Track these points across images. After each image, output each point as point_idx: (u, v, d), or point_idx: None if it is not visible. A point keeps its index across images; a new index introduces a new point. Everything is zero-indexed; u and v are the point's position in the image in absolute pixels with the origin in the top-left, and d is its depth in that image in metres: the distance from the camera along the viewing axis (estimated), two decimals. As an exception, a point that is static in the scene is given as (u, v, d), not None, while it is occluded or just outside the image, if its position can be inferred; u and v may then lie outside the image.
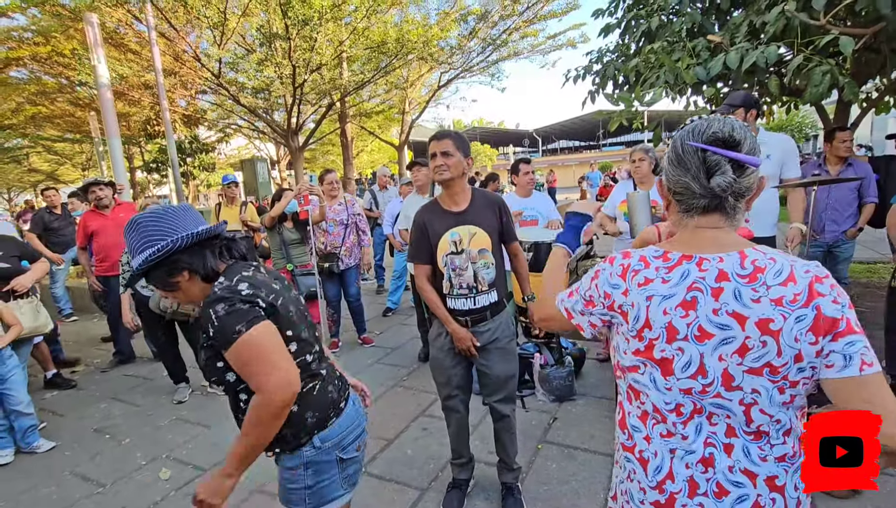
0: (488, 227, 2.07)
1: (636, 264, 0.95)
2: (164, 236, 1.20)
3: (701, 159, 0.88)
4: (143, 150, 17.46)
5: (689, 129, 0.92)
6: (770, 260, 0.85)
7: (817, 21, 3.17)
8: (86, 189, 4.40)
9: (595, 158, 38.62)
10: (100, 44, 6.10)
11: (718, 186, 0.86)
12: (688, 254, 0.90)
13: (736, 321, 0.83)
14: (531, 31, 12.74)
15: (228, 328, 1.14)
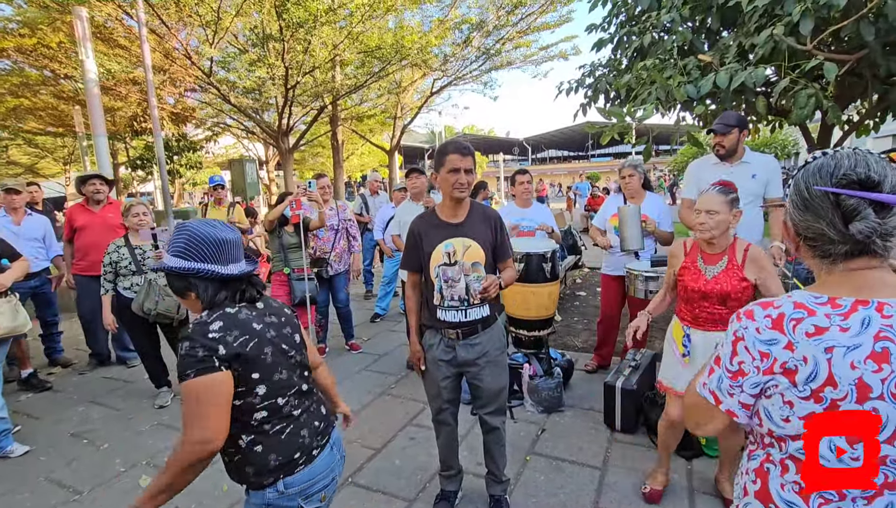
0: (483, 241, 2.07)
1: (794, 313, 0.82)
2: (200, 261, 1.29)
3: (834, 204, 0.79)
4: (128, 146, 17.14)
5: (815, 169, 0.83)
6: None
7: (804, 46, 3.26)
8: (84, 180, 4.28)
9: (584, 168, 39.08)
10: (88, 38, 5.99)
11: (860, 232, 0.78)
12: (862, 299, 0.79)
13: None
14: (524, 41, 12.86)
15: (181, 368, 1.20)
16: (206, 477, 2.63)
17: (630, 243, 3.24)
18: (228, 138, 20.14)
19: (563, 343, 4.51)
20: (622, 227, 3.28)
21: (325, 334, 4.52)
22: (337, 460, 1.48)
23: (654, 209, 3.41)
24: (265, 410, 1.29)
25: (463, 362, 2.12)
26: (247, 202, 9.77)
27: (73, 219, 4.17)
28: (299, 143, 12.48)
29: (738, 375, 0.88)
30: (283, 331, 1.38)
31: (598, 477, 2.53)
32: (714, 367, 0.93)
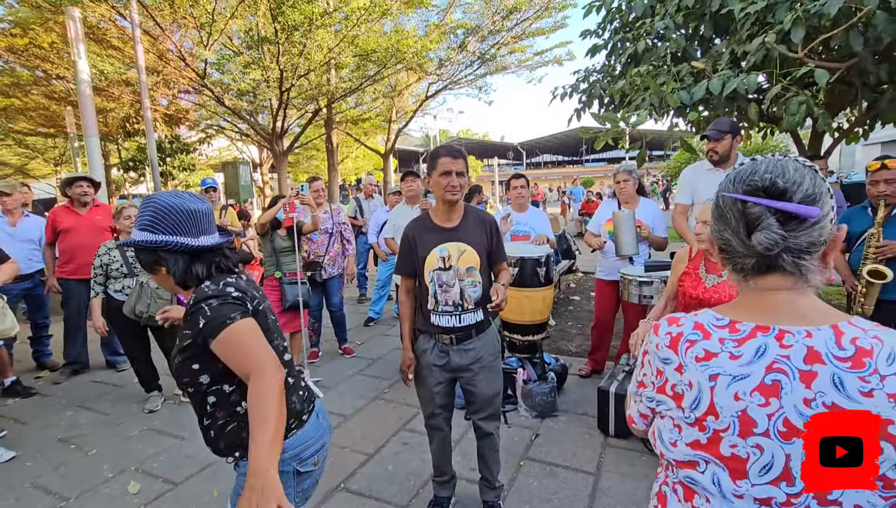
0: (478, 245, 2.06)
1: (691, 334, 0.78)
2: (169, 233, 1.26)
3: (741, 212, 0.73)
4: (120, 147, 17.02)
5: (734, 175, 0.77)
6: (875, 339, 0.67)
7: (795, 53, 3.30)
8: (71, 182, 4.18)
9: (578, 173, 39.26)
10: (81, 39, 5.95)
11: (760, 243, 0.71)
12: (763, 325, 0.73)
13: None
14: (519, 46, 12.96)
15: (222, 316, 1.19)
16: (195, 485, 2.60)
17: (625, 249, 3.25)
18: (222, 141, 20.05)
19: (557, 348, 4.51)
20: (617, 232, 3.29)
21: (318, 338, 4.49)
22: (325, 427, 1.49)
23: (648, 215, 3.43)
24: None
25: (457, 367, 2.11)
26: (240, 205, 9.73)
27: (58, 222, 4.07)
28: (294, 145, 12.46)
29: (640, 386, 0.87)
30: (268, 302, 1.44)
31: (592, 483, 2.52)
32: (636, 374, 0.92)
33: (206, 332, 1.21)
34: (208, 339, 1.21)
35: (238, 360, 1.19)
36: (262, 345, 1.20)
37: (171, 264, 1.28)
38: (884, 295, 2.70)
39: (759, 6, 3.39)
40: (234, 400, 1.29)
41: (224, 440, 1.33)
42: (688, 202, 3.36)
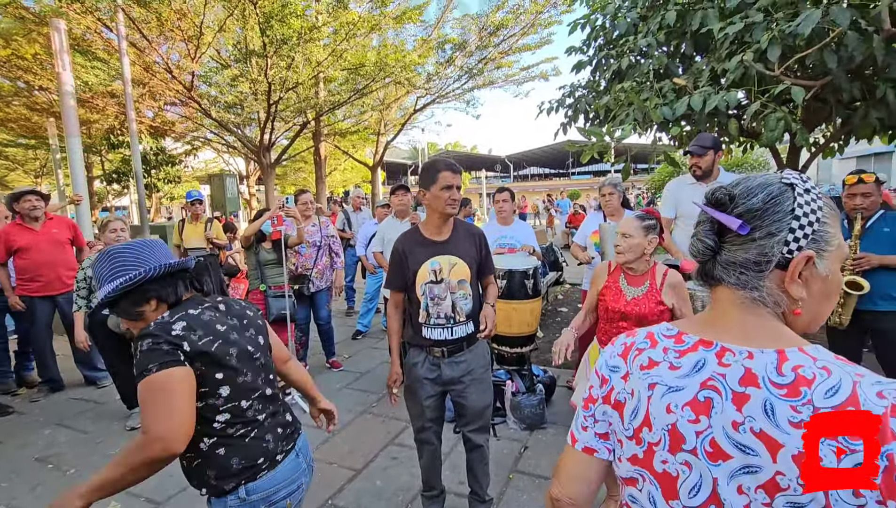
0: (469, 258, 2.09)
1: (641, 342, 0.77)
2: (137, 267, 1.24)
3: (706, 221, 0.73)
4: (103, 159, 16.81)
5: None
6: (822, 370, 0.62)
7: (772, 71, 3.42)
8: (17, 197, 3.99)
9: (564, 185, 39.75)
10: (66, 50, 5.89)
11: (691, 247, 0.74)
12: (707, 340, 0.71)
13: (764, 446, 0.61)
14: (506, 62, 13.17)
15: (142, 364, 1.16)
16: (178, 504, 2.53)
17: (610, 259, 3.29)
18: (208, 153, 19.92)
19: (546, 360, 4.52)
20: (604, 244, 3.33)
21: (305, 351, 4.44)
22: (303, 468, 1.45)
23: (633, 227, 3.48)
24: (228, 412, 1.28)
25: (448, 380, 2.11)
26: (226, 217, 9.64)
27: (12, 240, 3.86)
28: (281, 158, 12.42)
29: (588, 402, 0.81)
30: (246, 333, 1.37)
31: (582, 495, 2.51)
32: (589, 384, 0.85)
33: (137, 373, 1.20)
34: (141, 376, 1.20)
35: (141, 414, 1.17)
36: (164, 406, 1.14)
37: (157, 290, 1.26)
38: (860, 305, 2.77)
39: (737, 27, 3.51)
40: (196, 436, 1.24)
41: (192, 474, 1.31)
42: (671, 216, 3.43)
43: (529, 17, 11.38)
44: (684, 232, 3.31)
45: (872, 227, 2.79)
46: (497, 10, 11.48)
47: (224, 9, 8.26)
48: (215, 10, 8.64)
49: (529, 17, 11.35)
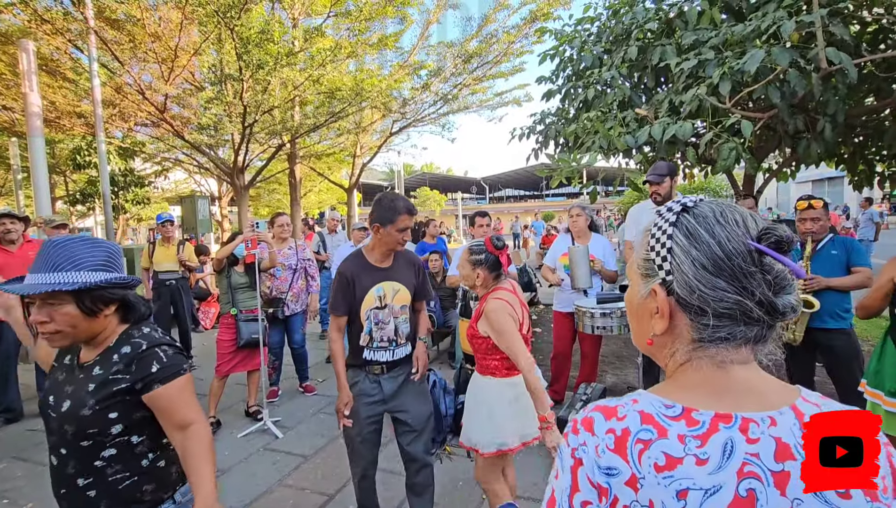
0: (409, 285, 2.23)
1: (641, 430, 0.58)
2: (121, 269, 1.29)
3: (760, 268, 0.58)
4: (67, 179, 16.32)
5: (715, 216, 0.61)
6: None
7: (724, 104, 3.67)
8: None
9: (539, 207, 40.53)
10: (34, 71, 5.81)
11: (786, 307, 0.58)
12: (724, 413, 0.58)
13: None
14: (480, 87, 13.55)
15: (177, 364, 1.27)
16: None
17: (580, 282, 3.42)
18: (179, 173, 19.58)
19: (520, 380, 4.57)
20: (573, 266, 3.46)
21: (277, 376, 4.38)
22: None
23: (599, 250, 3.63)
24: None
25: (389, 394, 2.21)
26: (197, 239, 9.46)
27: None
28: (256, 180, 12.33)
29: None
30: None
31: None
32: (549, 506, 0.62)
33: (157, 377, 1.21)
34: (154, 385, 1.21)
35: (181, 409, 1.24)
36: (195, 400, 1.30)
37: (132, 299, 1.29)
38: (812, 323, 2.94)
39: (691, 63, 3.77)
40: (140, 452, 1.25)
41: (111, 498, 1.23)
42: (636, 239, 3.60)
43: (502, 47, 11.79)
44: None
45: (822, 250, 2.98)
46: (471, 38, 11.88)
47: (200, 33, 8.29)
48: (191, 33, 8.66)
49: (502, 46, 11.76)
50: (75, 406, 1.20)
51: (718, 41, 3.83)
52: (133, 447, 1.24)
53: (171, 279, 5.28)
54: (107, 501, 1.23)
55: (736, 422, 0.57)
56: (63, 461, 1.23)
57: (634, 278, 0.68)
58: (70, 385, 1.24)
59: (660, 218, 0.65)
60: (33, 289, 1.12)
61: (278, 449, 3.40)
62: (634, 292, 0.68)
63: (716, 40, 3.84)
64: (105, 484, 1.23)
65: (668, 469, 0.55)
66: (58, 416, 1.21)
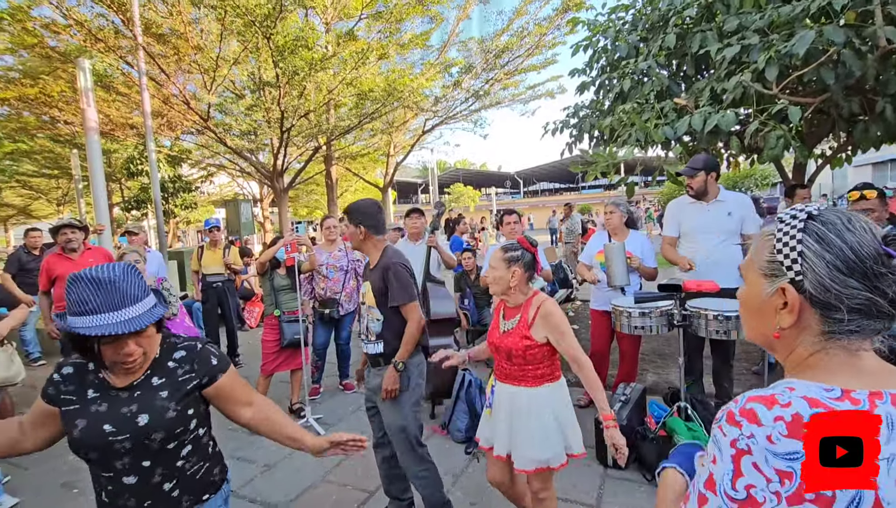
0: (374, 287, 2.33)
1: (814, 412, 0.63)
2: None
3: (889, 269, 0.66)
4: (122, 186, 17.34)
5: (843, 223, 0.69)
6: None
7: (770, 90, 3.49)
8: (56, 231, 4.23)
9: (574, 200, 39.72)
10: (90, 88, 6.20)
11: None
12: (875, 391, 0.65)
13: None
14: (512, 82, 13.40)
15: (225, 355, 1.44)
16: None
17: (616, 279, 3.34)
18: (223, 177, 20.42)
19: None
20: (608, 264, 3.39)
21: (320, 374, 4.52)
22: None
23: (636, 246, 3.53)
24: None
25: (371, 388, 2.46)
26: (241, 241, 9.87)
27: (52, 269, 4.08)
28: (294, 182, 12.71)
29: (746, 506, 0.63)
30: None
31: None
32: (706, 495, 0.68)
33: (219, 368, 1.37)
34: (218, 376, 1.36)
35: (243, 389, 1.45)
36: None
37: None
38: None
39: (734, 49, 3.59)
40: (206, 441, 1.41)
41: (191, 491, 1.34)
42: (675, 235, 3.48)
43: (533, 40, 11.61)
44: (688, 250, 3.35)
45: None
46: (502, 32, 11.76)
47: (239, 43, 8.61)
48: (231, 44, 9.01)
49: (533, 39, 11.59)
50: (158, 414, 1.26)
51: (763, 24, 3.63)
52: (201, 438, 1.39)
53: (217, 281, 5.54)
54: (188, 496, 1.35)
55: (887, 399, 0.64)
56: (147, 474, 1.27)
57: (754, 277, 0.77)
58: (128, 406, 1.25)
59: (783, 225, 0.73)
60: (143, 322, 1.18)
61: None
62: (756, 291, 0.76)
63: (761, 23, 3.64)
64: (186, 480, 1.34)
65: None
66: (135, 433, 1.23)
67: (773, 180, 19.35)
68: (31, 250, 5.72)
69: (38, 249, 5.75)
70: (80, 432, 1.23)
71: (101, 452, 1.24)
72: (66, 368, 1.28)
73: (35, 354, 5.99)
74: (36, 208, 24.11)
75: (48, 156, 15.66)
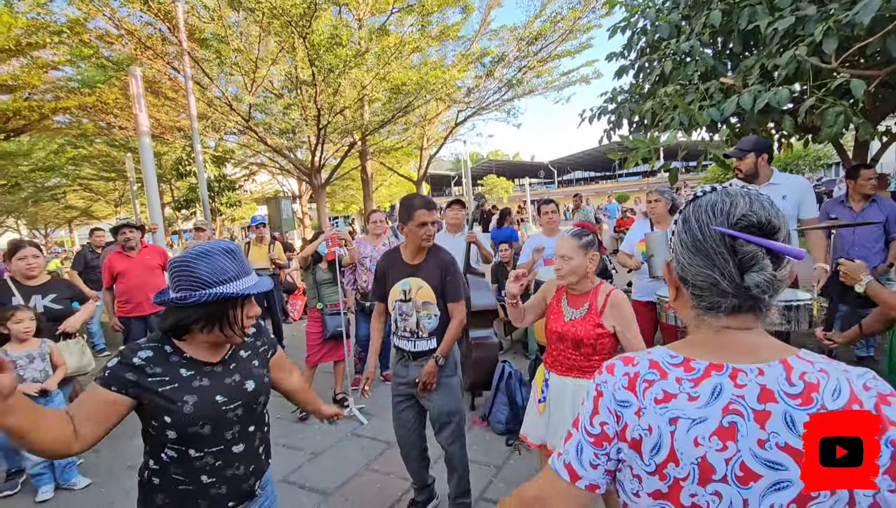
0: (434, 283, 2.32)
1: (647, 373, 0.74)
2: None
3: (730, 249, 0.69)
4: (172, 187, 18.27)
5: (707, 205, 0.72)
6: (821, 372, 0.66)
7: (828, 64, 3.26)
8: (116, 230, 4.52)
9: (612, 188, 38.63)
10: (142, 94, 6.54)
11: (758, 286, 0.68)
12: (717, 363, 0.70)
13: (791, 459, 0.63)
14: (546, 69, 13.14)
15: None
16: None
17: (659, 270, 3.23)
18: (264, 175, 21.12)
19: (598, 370, 4.45)
20: (650, 253, 3.29)
21: (363, 365, 4.63)
22: None
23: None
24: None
25: (414, 381, 2.34)
26: (283, 236, 10.20)
27: (113, 266, 4.36)
28: (331, 177, 12.99)
29: (602, 440, 0.75)
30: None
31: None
32: (572, 431, 0.79)
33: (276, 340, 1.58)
34: (278, 347, 1.59)
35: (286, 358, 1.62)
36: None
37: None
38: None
39: (787, 21, 3.38)
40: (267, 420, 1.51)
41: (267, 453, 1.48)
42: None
43: (568, 24, 11.32)
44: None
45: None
46: (534, 19, 11.52)
47: (276, 43, 8.84)
48: (268, 44, 9.27)
49: (568, 23, 11.29)
50: (259, 380, 1.40)
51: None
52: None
53: (263, 276, 5.76)
54: (266, 457, 1.47)
55: (727, 370, 0.69)
56: (252, 439, 1.37)
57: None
58: (230, 377, 1.33)
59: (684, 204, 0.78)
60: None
61: (364, 435, 3.61)
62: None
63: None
64: (267, 442, 1.48)
65: (665, 402, 0.70)
66: (245, 399, 1.33)
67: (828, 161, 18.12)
68: (96, 249, 6.12)
69: (101, 247, 6.15)
70: (192, 406, 1.24)
71: (215, 423, 1.27)
72: (144, 352, 1.24)
73: (100, 345, 6.44)
74: (96, 209, 25.81)
75: (105, 160, 16.70)
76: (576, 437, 0.78)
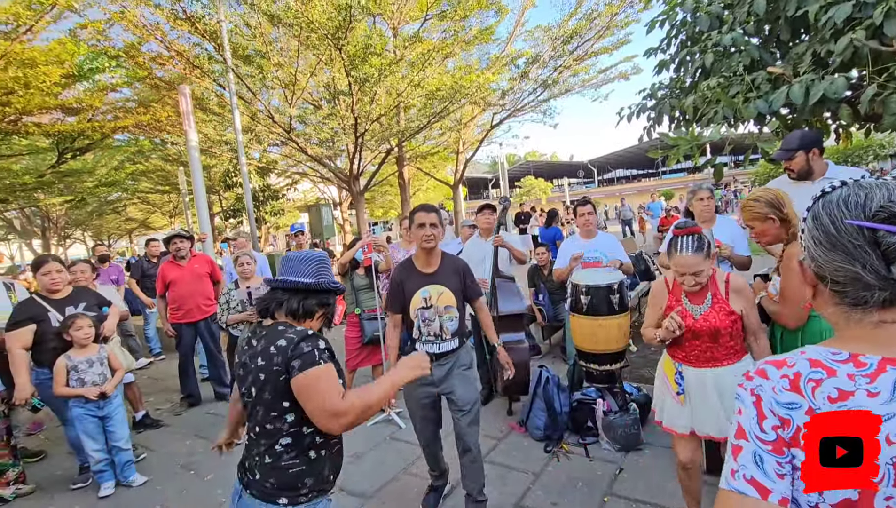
0: (454, 287, 2.49)
1: (811, 372, 0.70)
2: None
3: (871, 242, 0.67)
4: (221, 197, 19.19)
5: (839, 200, 0.71)
6: None
7: (890, 47, 3.03)
8: (168, 241, 4.79)
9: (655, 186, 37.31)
10: (191, 111, 6.92)
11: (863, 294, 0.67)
12: (890, 357, 0.67)
13: None
14: (582, 67, 12.87)
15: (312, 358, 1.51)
16: None
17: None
18: (306, 183, 21.81)
19: (640, 376, 4.31)
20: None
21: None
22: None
23: (726, 233, 3.24)
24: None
25: (439, 379, 2.51)
26: (323, 243, 10.49)
27: (166, 275, 4.63)
28: (369, 184, 13.25)
29: (781, 446, 0.69)
30: None
31: (686, 523, 2.38)
32: (739, 444, 0.72)
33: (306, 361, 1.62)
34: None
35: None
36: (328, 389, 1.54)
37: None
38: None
39: (845, 11, 3.14)
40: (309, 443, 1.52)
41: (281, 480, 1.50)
42: (775, 217, 3.14)
43: (604, 21, 11.06)
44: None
45: None
46: (570, 17, 11.33)
47: (314, 56, 9.14)
48: (307, 58, 9.59)
49: (604, 20, 11.04)
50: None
51: (879, -28, 3.15)
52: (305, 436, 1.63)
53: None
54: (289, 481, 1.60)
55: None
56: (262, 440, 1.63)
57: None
58: None
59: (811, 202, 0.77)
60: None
61: (401, 439, 3.65)
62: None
63: (875, -29, 3.16)
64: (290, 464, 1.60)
65: (842, 400, 0.66)
66: None
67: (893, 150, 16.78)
68: (151, 258, 6.51)
69: (156, 256, 6.54)
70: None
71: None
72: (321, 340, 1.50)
73: (156, 349, 6.83)
74: (153, 220, 27.52)
75: (160, 174, 17.81)
76: (748, 448, 0.70)
